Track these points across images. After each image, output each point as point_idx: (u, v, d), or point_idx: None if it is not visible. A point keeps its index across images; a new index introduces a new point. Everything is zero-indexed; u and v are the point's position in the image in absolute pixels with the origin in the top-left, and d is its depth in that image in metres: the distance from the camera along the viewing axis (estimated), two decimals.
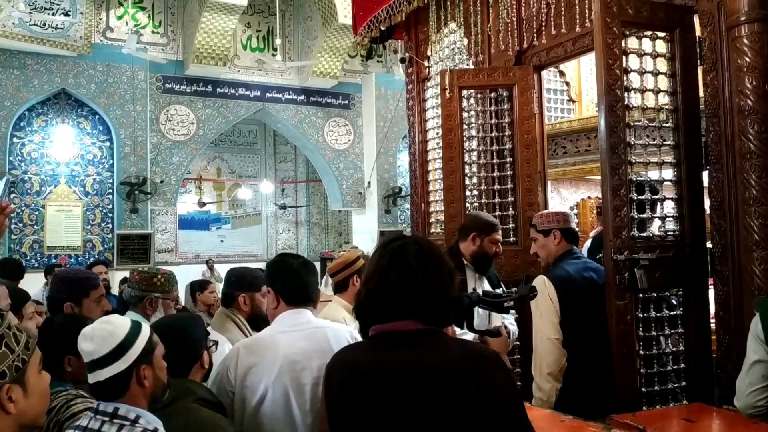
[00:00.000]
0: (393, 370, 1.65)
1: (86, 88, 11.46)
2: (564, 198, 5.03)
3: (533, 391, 2.86)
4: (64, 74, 11.27)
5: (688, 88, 3.13)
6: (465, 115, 4.26)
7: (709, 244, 3.12)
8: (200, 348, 2.23)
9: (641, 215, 3.02)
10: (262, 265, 11.73)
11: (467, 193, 4.31)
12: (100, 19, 11.71)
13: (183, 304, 5.56)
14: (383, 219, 13.33)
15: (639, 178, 3.06)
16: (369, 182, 13.72)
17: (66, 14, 10.89)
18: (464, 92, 4.23)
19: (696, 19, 3.16)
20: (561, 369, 2.77)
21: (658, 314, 3.01)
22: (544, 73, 5.42)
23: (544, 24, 3.92)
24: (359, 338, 2.43)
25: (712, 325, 3.10)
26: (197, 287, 5.47)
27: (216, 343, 2.31)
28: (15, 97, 10.94)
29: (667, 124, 3.13)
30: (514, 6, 4.04)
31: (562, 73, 5.89)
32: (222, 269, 14.68)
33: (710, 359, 3.09)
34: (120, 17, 11.83)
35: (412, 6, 4.55)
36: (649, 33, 3.13)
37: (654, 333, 2.99)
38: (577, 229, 3.13)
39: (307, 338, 2.31)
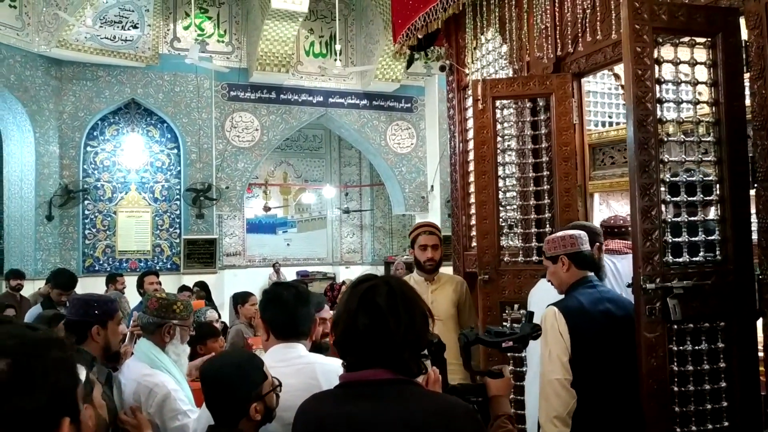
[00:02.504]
0: (358, 425, 1.55)
1: (154, 97, 11.82)
2: (614, 211, 4.72)
3: None
4: (134, 84, 11.66)
5: (732, 98, 2.84)
6: (500, 126, 4.06)
7: (757, 270, 2.82)
8: (251, 395, 2.00)
9: (676, 239, 2.76)
10: (327, 269, 11.80)
11: (503, 208, 4.12)
12: (168, 30, 12.06)
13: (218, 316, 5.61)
14: (446, 223, 13.12)
15: (674, 198, 2.80)
16: (432, 186, 13.56)
17: (134, 27, 11.26)
18: (500, 102, 4.04)
19: (742, 22, 2.87)
20: (569, 412, 2.53)
21: (696, 347, 2.74)
22: (598, 76, 5.17)
23: (581, 30, 3.68)
24: None
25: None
26: (239, 299, 5.49)
27: (280, 384, 2.10)
28: (88, 108, 11.40)
29: (708, 138, 2.85)
30: (549, 11, 3.82)
31: (617, 76, 5.57)
32: (288, 272, 14.93)
33: (758, 398, 2.80)
34: (186, 27, 12.12)
35: (447, 13, 4.39)
36: (686, 39, 2.86)
37: (691, 368, 2.73)
38: (589, 252, 2.83)
39: (295, 374, 2.19)
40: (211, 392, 2.06)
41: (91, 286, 10.17)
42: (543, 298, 2.98)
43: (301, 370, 2.22)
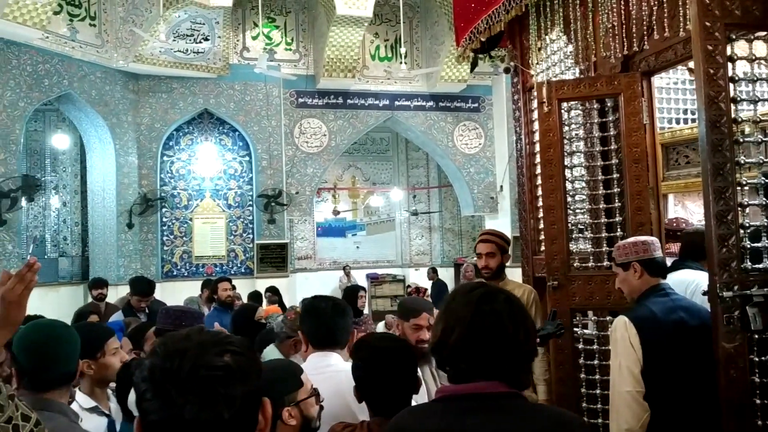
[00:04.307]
0: None
1: (226, 107, 12.16)
2: (690, 212, 4.55)
3: None
4: (206, 95, 12.03)
5: None
6: (567, 128, 3.97)
7: None
8: (283, 399, 2.01)
9: (755, 244, 2.63)
10: (397, 271, 11.91)
11: (572, 212, 4.03)
12: (237, 40, 12.38)
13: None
14: (516, 224, 12.91)
15: (752, 202, 2.67)
16: (501, 186, 13.40)
17: (206, 39, 11.60)
18: (566, 104, 3.95)
19: None
20: (642, 425, 2.44)
21: None
22: (670, 72, 4.99)
23: (649, 27, 3.55)
24: None
25: None
26: None
27: (315, 394, 2.14)
28: (164, 119, 11.84)
29: None
30: (615, 9, 3.70)
31: (692, 70, 5.35)
32: (358, 275, 15.07)
33: None
34: (255, 37, 12.42)
35: (510, 15, 4.32)
36: (762, 34, 2.72)
37: None
38: (662, 259, 2.73)
39: (325, 382, 2.24)
40: None
41: (170, 290, 10.59)
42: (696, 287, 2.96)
43: (331, 377, 2.29)
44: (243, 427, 1.14)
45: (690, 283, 3.17)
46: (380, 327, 10.42)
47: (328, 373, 2.30)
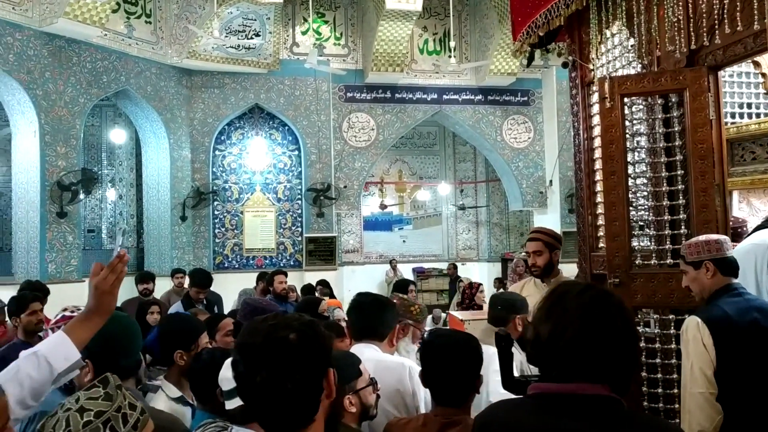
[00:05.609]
0: None
1: (276, 101, 12.33)
2: (755, 209, 4.44)
3: None
4: (257, 90, 12.22)
5: None
6: (629, 124, 3.91)
7: None
8: (344, 388, 2.07)
9: None
10: (443, 266, 11.99)
11: (634, 208, 3.97)
12: (287, 36, 12.53)
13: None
14: (566, 219, 12.80)
15: None
16: (551, 181, 13.26)
17: (257, 35, 11.77)
18: (628, 99, 3.90)
19: None
20: (715, 427, 2.40)
21: None
22: (734, 66, 4.86)
23: (717, 20, 3.48)
24: (415, 371, 2.43)
25: None
26: None
27: (372, 383, 2.23)
28: (216, 114, 12.07)
29: None
30: (681, 2, 3.63)
31: (757, 64, 5.20)
32: (404, 269, 15.12)
33: None
34: (305, 32, 12.54)
35: (570, 9, 4.27)
36: None
37: None
38: (734, 258, 2.68)
39: None
40: None
41: (222, 282, 10.77)
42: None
43: None
44: (307, 393, 1.37)
45: None
46: (427, 321, 10.47)
47: None
